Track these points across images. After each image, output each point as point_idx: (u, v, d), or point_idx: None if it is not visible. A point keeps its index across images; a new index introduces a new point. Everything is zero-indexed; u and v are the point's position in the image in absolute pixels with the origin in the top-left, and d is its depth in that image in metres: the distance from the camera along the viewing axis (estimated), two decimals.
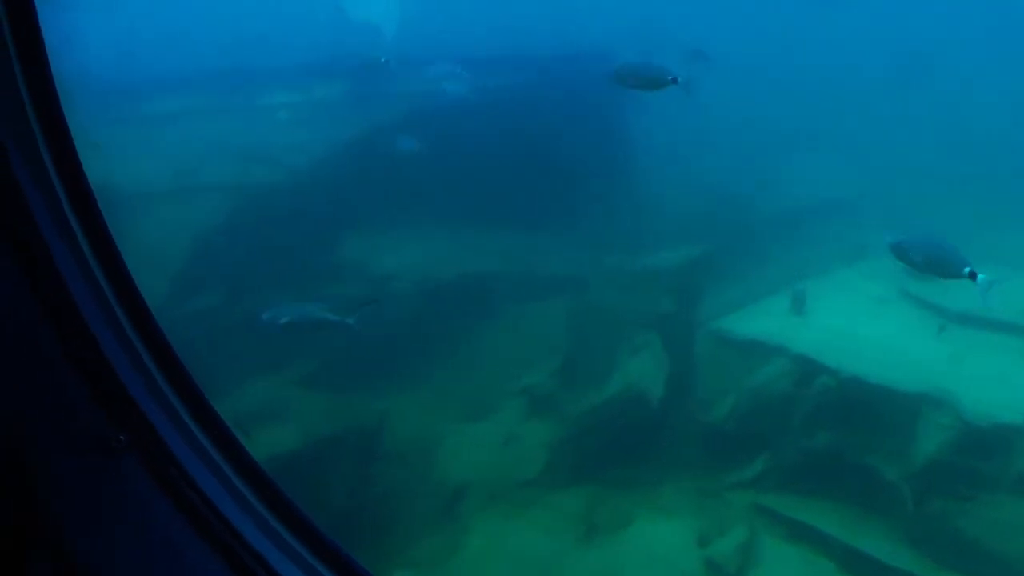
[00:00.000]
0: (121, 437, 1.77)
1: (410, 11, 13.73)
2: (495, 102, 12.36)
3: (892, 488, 5.63)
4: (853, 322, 7.55)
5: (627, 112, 13.34)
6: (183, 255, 8.68)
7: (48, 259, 1.75)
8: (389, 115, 12.13)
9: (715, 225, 11.01)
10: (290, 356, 8.14)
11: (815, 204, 11.64)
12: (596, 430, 6.67)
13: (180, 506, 1.81)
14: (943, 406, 5.93)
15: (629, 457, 6.53)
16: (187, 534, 1.81)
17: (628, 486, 6.18)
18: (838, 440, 6.07)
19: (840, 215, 11.32)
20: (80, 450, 1.78)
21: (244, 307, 8.72)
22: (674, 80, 6.14)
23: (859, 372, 6.33)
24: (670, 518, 5.77)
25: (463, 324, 9.48)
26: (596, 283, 9.70)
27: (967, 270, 4.89)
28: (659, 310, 7.97)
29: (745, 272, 9.48)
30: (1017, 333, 6.62)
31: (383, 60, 9.12)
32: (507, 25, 14.12)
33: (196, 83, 11.66)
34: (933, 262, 5.15)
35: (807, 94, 13.75)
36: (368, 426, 6.72)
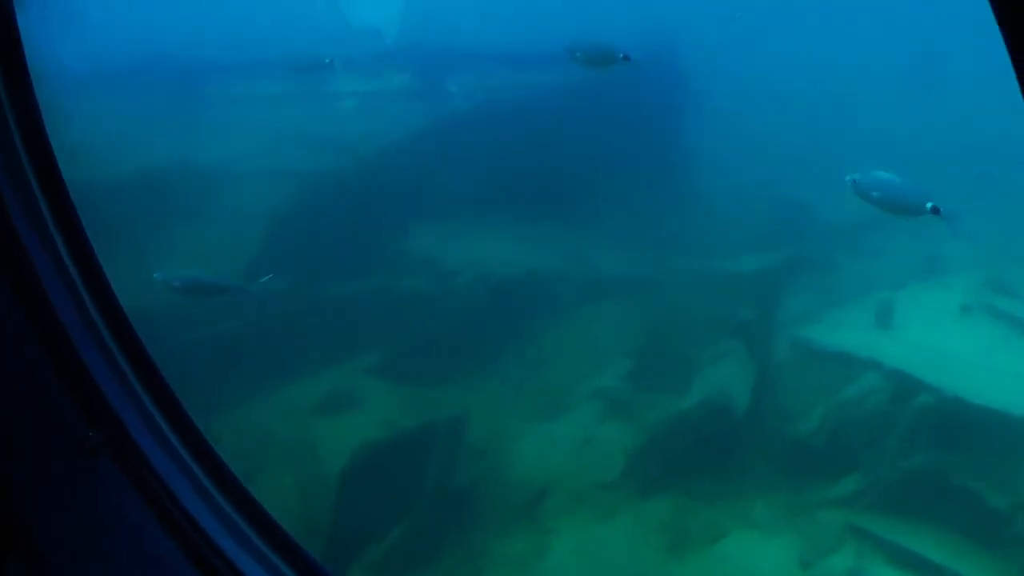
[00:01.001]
0: (91, 434, 1.76)
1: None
2: (560, 100, 12.26)
3: (1002, 518, 5.36)
4: (942, 337, 7.28)
5: (685, 114, 13.19)
6: (257, 238, 8.69)
7: (25, 260, 1.76)
8: (456, 107, 12.10)
9: (782, 232, 10.79)
10: (360, 344, 8.11)
11: (876, 214, 11.38)
12: (677, 438, 6.50)
13: (152, 507, 1.80)
14: None
15: (714, 467, 6.35)
16: (159, 535, 1.80)
17: (716, 498, 6.00)
18: (939, 462, 5.82)
19: (903, 225, 11.05)
20: (54, 449, 1.78)
21: (315, 293, 8.73)
22: (625, 57, 6.13)
23: (960, 391, 6.07)
24: (765, 535, 5.58)
25: (529, 321, 9.39)
26: (668, 286, 9.54)
27: (929, 205, 4.71)
28: (739, 317, 7.76)
29: (815, 281, 9.26)
30: None
31: (327, 61, 9.00)
32: (569, 21, 13.98)
33: (263, 69, 11.72)
34: (894, 199, 4.99)
35: (860, 102, 13.49)
36: (447, 420, 6.63)
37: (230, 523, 1.93)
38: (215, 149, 9.71)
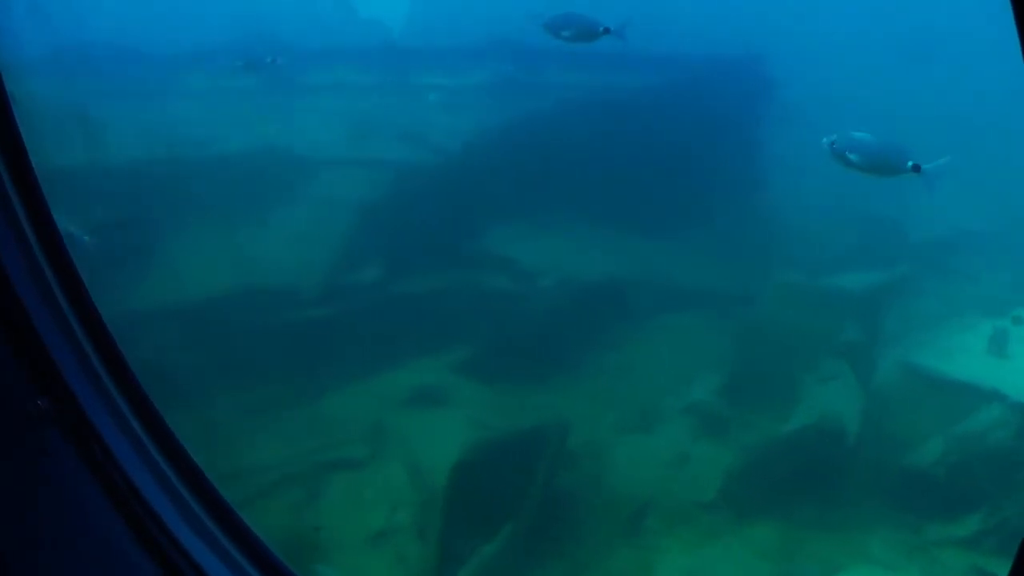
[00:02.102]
0: (39, 403, 1.69)
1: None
2: (644, 103, 12.06)
3: None
4: None
5: (769, 123, 12.83)
6: (347, 226, 8.65)
7: None
8: (539, 106, 11.95)
9: (872, 249, 10.38)
10: (445, 340, 7.99)
11: (960, 234, 10.93)
12: (779, 461, 6.18)
13: (102, 484, 1.74)
14: None
15: (822, 495, 6.02)
16: (109, 515, 1.74)
17: (825, 528, 5.67)
18: None
19: (989, 247, 10.62)
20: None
21: (400, 285, 8.65)
22: (606, 31, 6.13)
23: None
24: (886, 573, 5.24)
25: (610, 328, 9.17)
26: (755, 300, 9.21)
27: (910, 164, 4.54)
28: (842, 337, 7.40)
29: (915, 302, 8.85)
30: None
31: (271, 59, 8.76)
32: (654, 22, 13.71)
33: (350, 58, 11.75)
34: (873, 160, 4.82)
35: (949, 115, 12.95)
36: (542, 426, 6.43)
37: (183, 505, 1.87)
38: (305, 135, 9.71)
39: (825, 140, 5.07)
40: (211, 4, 11.04)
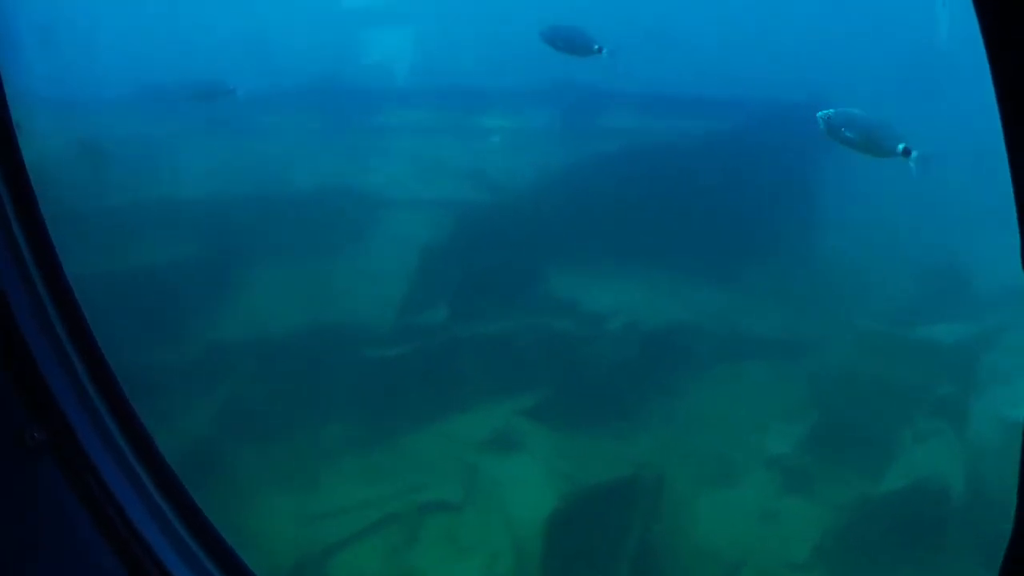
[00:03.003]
0: (36, 435, 1.67)
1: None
2: (705, 146, 12.01)
3: None
4: None
5: (830, 168, 12.66)
6: (411, 268, 8.63)
7: None
8: (601, 149, 11.95)
9: (945, 297, 10.03)
10: (514, 384, 7.85)
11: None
12: (877, 521, 5.83)
13: (94, 515, 1.72)
14: None
15: (923, 559, 5.64)
16: (103, 549, 1.72)
17: None
18: None
19: None
20: None
21: (467, 327, 8.56)
22: (599, 50, 6.16)
23: None
24: None
25: (679, 375, 8.95)
26: (828, 349, 8.92)
27: (901, 147, 4.45)
28: (938, 392, 7.05)
29: (997, 355, 8.44)
30: None
31: (230, 88, 8.59)
32: (718, 66, 13.71)
33: (412, 99, 11.93)
34: (866, 139, 4.74)
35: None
36: (627, 477, 6.21)
37: (178, 540, 1.84)
38: (372, 175, 9.80)
39: (820, 114, 4.95)
40: (278, 50, 11.33)
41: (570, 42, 6.57)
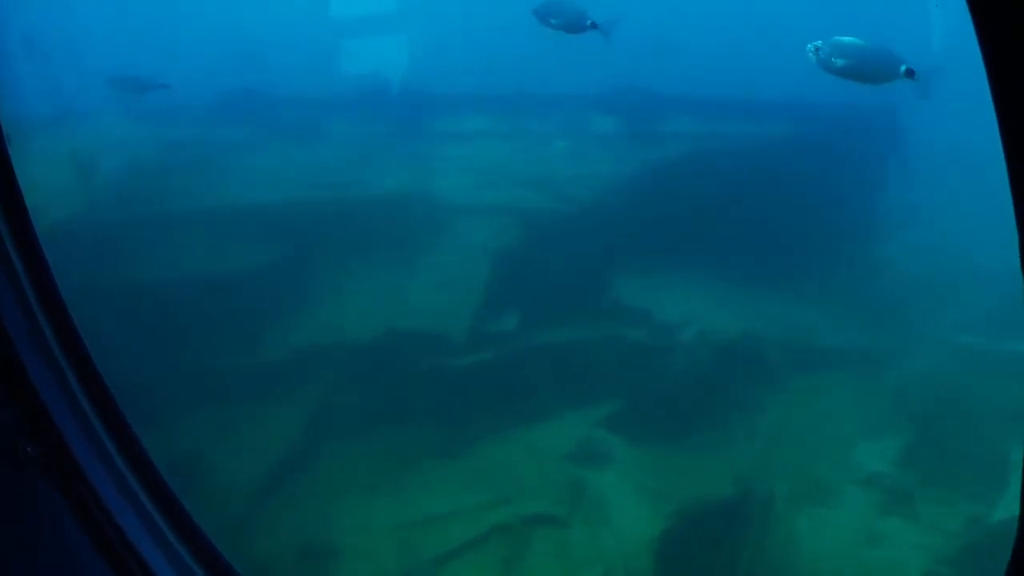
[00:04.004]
0: (29, 449, 1.66)
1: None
2: (771, 152, 11.73)
3: None
4: None
5: (898, 171, 12.30)
6: (482, 275, 8.52)
7: None
8: (665, 154, 11.74)
9: None
10: (590, 393, 7.65)
11: None
12: (997, 553, 5.43)
13: (91, 532, 1.70)
14: None
15: None
16: (98, 564, 1.71)
17: None
18: None
19: None
20: None
21: (539, 336, 8.40)
22: (593, 25, 6.09)
23: None
24: None
25: (756, 387, 8.64)
26: (916, 363, 8.53)
27: (904, 68, 4.22)
28: None
29: None
30: None
31: (164, 83, 8.57)
32: (784, 71, 13.38)
33: (476, 105, 11.86)
34: (862, 66, 4.41)
35: None
36: (716, 493, 5.94)
37: (174, 554, 1.82)
38: (438, 181, 9.73)
39: (809, 46, 4.73)
40: (344, 57, 11.36)
41: (562, 17, 6.51)
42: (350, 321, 6.94)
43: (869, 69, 4.58)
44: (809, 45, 4.82)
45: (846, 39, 4.70)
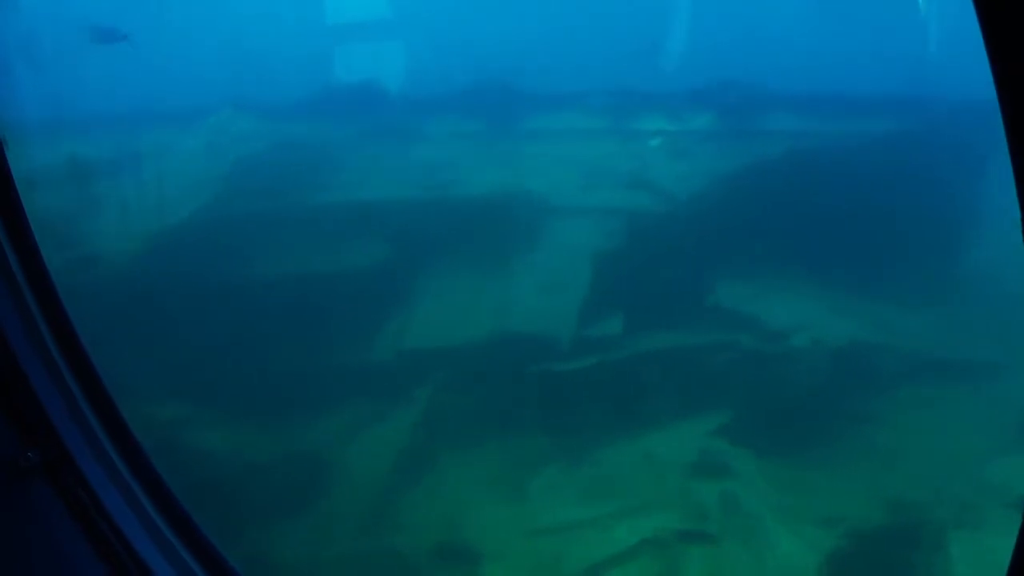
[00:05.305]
0: (29, 455, 1.68)
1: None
2: (875, 151, 11.16)
3: None
4: None
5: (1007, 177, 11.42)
6: (585, 278, 8.34)
7: None
8: (766, 153, 11.32)
9: None
10: (702, 400, 7.37)
11: None
12: None
13: (92, 538, 1.71)
14: None
15: None
16: (98, 569, 1.71)
17: None
18: None
19: None
20: None
21: (646, 340, 8.16)
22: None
23: None
24: None
25: (870, 399, 8.18)
26: None
27: None
28: None
29: None
30: None
31: (124, 34, 8.40)
32: (893, 62, 12.72)
33: (571, 102, 11.67)
34: None
35: None
36: (857, 511, 5.61)
37: (177, 559, 1.81)
38: (537, 181, 9.60)
39: None
40: (445, 51, 11.34)
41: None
42: (455, 323, 6.89)
43: None
44: None
45: None
